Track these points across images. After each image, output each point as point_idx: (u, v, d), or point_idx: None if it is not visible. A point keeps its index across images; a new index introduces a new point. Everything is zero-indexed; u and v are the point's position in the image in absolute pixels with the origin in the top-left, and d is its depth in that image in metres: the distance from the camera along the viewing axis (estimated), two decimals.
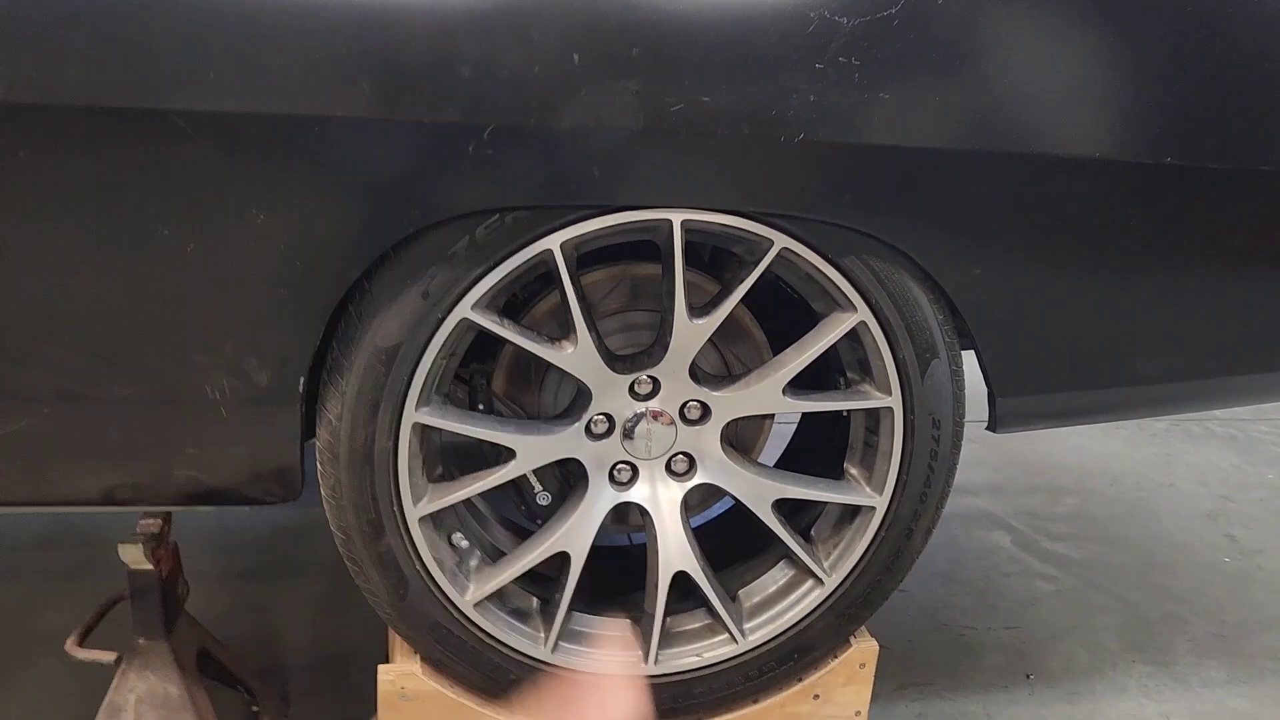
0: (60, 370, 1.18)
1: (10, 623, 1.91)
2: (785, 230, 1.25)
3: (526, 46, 1.11)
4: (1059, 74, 1.25)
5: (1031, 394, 1.42)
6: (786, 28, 1.14)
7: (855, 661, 1.53)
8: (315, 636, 1.91)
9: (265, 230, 1.13)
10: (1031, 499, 2.71)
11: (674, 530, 1.42)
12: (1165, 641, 2.06)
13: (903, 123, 1.21)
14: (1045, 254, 1.32)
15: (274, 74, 1.07)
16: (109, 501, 1.30)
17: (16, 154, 1.07)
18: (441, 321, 1.22)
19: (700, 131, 1.16)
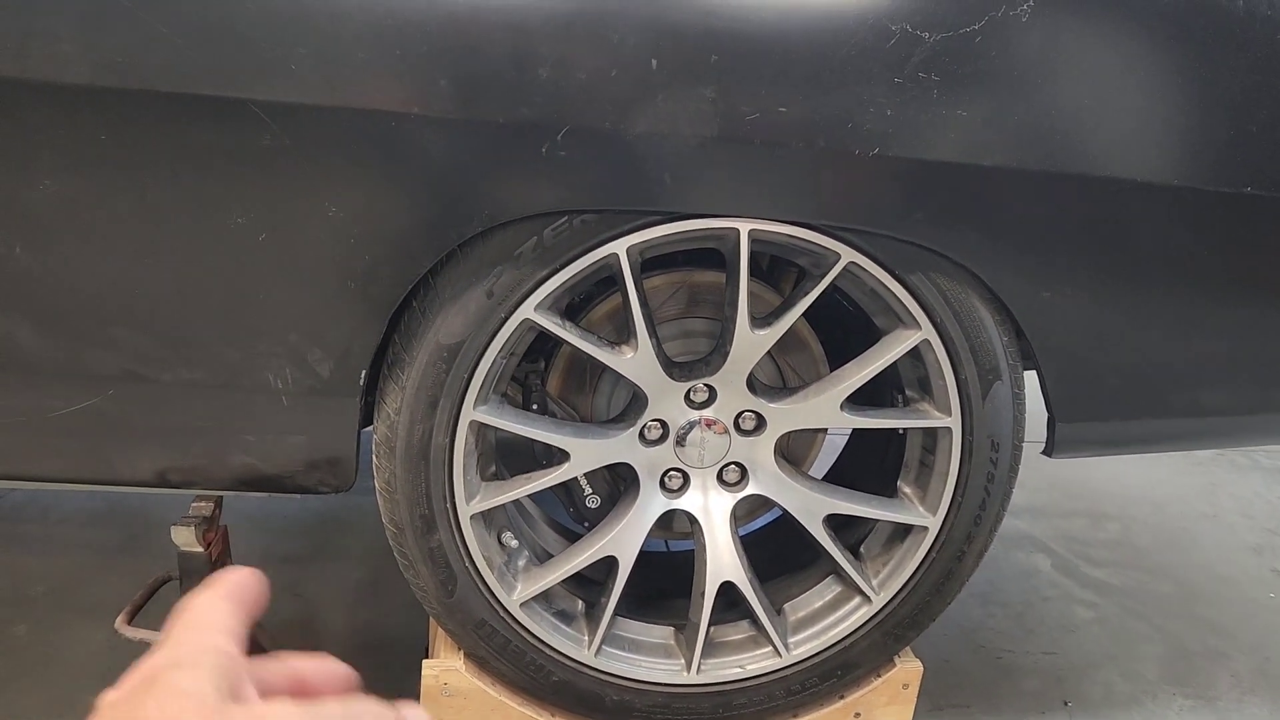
0: (127, 352, 1.19)
1: (57, 595, 1.94)
2: (853, 244, 1.24)
3: (605, 49, 1.10)
4: (1140, 98, 1.23)
5: (1092, 420, 1.40)
6: (867, 40, 1.13)
7: (899, 682, 1.51)
8: (354, 625, 1.92)
9: (337, 223, 1.14)
10: (1072, 523, 2.67)
11: (723, 540, 1.41)
12: (1207, 676, 2.03)
13: (979, 141, 1.19)
14: (1115, 280, 1.30)
15: (354, 69, 1.08)
16: (164, 484, 1.32)
17: (98, 136, 1.08)
18: (504, 321, 1.22)
19: (774, 142, 1.15)
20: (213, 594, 0.43)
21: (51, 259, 1.14)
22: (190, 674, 0.37)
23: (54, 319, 1.17)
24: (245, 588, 0.44)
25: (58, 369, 1.20)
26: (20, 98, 1.06)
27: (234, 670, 0.38)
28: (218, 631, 0.40)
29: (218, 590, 0.43)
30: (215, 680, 0.37)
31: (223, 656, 0.39)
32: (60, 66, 1.05)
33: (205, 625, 0.41)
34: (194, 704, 0.35)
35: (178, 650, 0.39)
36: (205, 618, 0.41)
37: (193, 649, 0.39)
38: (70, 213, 1.12)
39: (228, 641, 0.40)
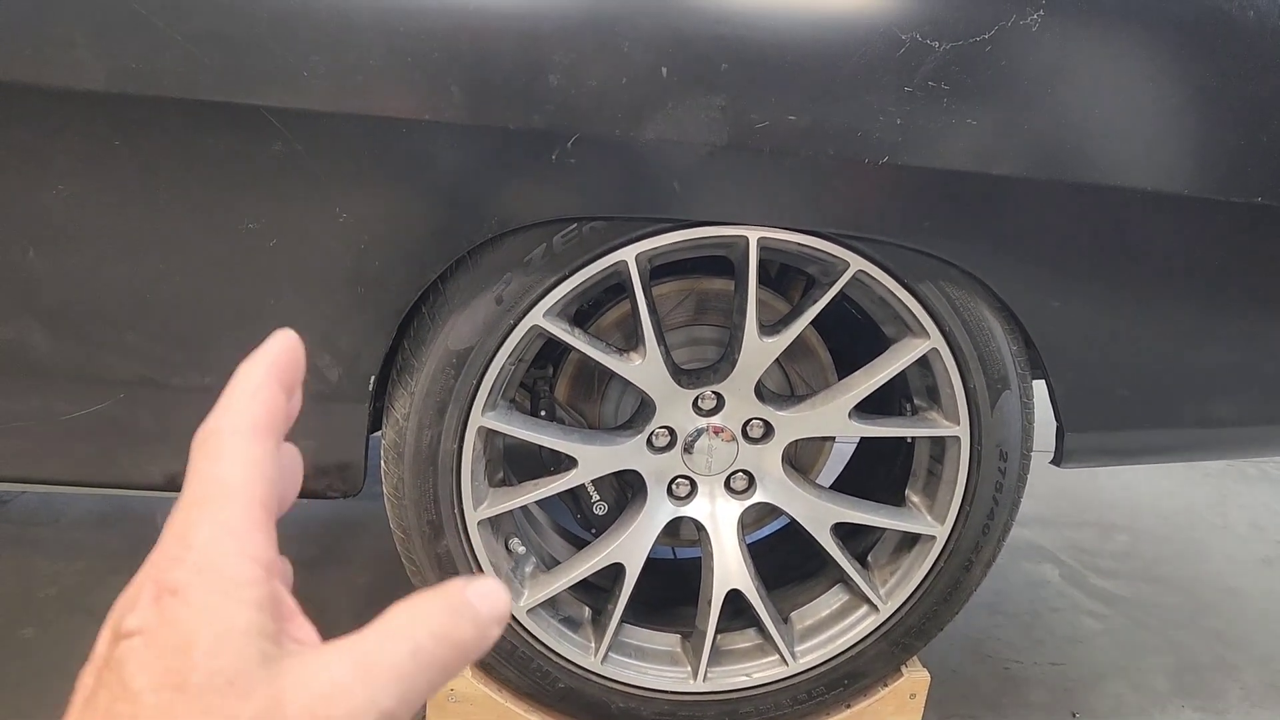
0: (138, 356, 1.20)
1: (67, 598, 1.95)
2: (862, 253, 1.24)
3: (616, 57, 1.11)
4: (1150, 108, 1.23)
5: (1101, 430, 1.40)
6: (877, 49, 1.14)
7: (906, 691, 1.51)
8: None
9: (347, 229, 1.14)
10: (1081, 533, 2.66)
11: (730, 548, 1.41)
12: (1217, 688, 2.02)
13: (988, 150, 1.19)
14: (1126, 289, 1.30)
15: (365, 75, 1.08)
16: (174, 487, 1.32)
17: (112, 142, 1.09)
18: (513, 327, 1.23)
19: (784, 150, 1.16)
20: (239, 427, 0.35)
21: (64, 263, 1.15)
22: (230, 648, 0.31)
23: (66, 323, 1.18)
24: (273, 397, 0.37)
25: (69, 372, 1.21)
26: (35, 103, 1.07)
27: (273, 599, 0.33)
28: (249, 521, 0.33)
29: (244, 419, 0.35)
30: (260, 643, 0.31)
31: (258, 588, 0.32)
32: (75, 73, 1.06)
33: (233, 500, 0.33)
34: (244, 699, 0.30)
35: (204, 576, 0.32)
36: (231, 475, 0.34)
37: (222, 580, 0.32)
38: (83, 217, 1.13)
39: (260, 538, 0.33)
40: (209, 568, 0.32)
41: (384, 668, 0.32)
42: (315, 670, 0.32)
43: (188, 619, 0.31)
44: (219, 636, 0.31)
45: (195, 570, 0.32)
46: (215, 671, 0.30)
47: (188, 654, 0.30)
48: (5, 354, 1.19)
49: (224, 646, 0.31)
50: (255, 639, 0.31)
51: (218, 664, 0.30)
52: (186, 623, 0.31)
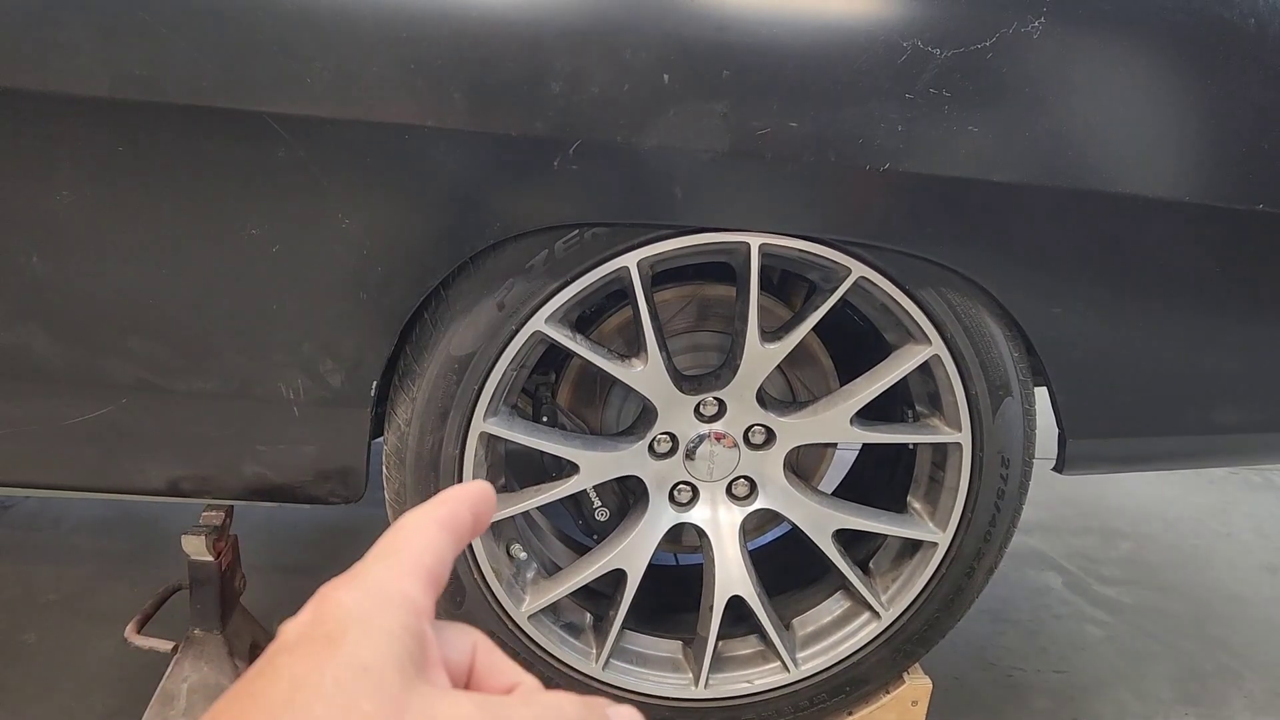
0: (141, 361, 1.20)
1: (68, 603, 1.95)
2: (863, 259, 1.24)
3: (618, 64, 1.11)
4: (1151, 115, 1.23)
5: (1104, 437, 1.40)
6: (878, 56, 1.14)
7: (908, 698, 1.50)
8: None
9: (350, 235, 1.15)
10: (1084, 540, 2.66)
11: (732, 554, 1.41)
12: (1220, 695, 2.01)
13: (989, 157, 1.19)
14: (1127, 296, 1.30)
15: (368, 82, 1.09)
16: (175, 492, 1.32)
17: (115, 148, 1.09)
18: (515, 333, 1.23)
19: (785, 156, 1.16)
20: (428, 517, 0.38)
21: (67, 269, 1.15)
22: (372, 643, 0.33)
23: (69, 328, 1.18)
24: (464, 517, 0.39)
25: (72, 377, 1.21)
26: (40, 109, 1.07)
27: (420, 636, 0.35)
28: (415, 575, 0.36)
29: (435, 514, 0.39)
30: (400, 653, 0.33)
31: (410, 615, 0.34)
32: (79, 79, 1.06)
33: (405, 564, 0.36)
34: (373, 687, 0.32)
35: (364, 592, 0.35)
36: (408, 553, 0.37)
37: (379, 597, 0.34)
38: (86, 223, 1.13)
39: (422, 589, 0.36)
40: (371, 590, 0.35)
41: (508, 718, 0.34)
42: (444, 700, 0.33)
43: (341, 618, 0.33)
44: (366, 633, 0.33)
45: (358, 589, 0.35)
46: (354, 657, 0.32)
47: (333, 643, 0.33)
48: (8, 359, 1.19)
49: (367, 641, 0.33)
50: (398, 648, 0.33)
51: (358, 653, 0.32)
52: (339, 620, 0.33)
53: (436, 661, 0.36)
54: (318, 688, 0.31)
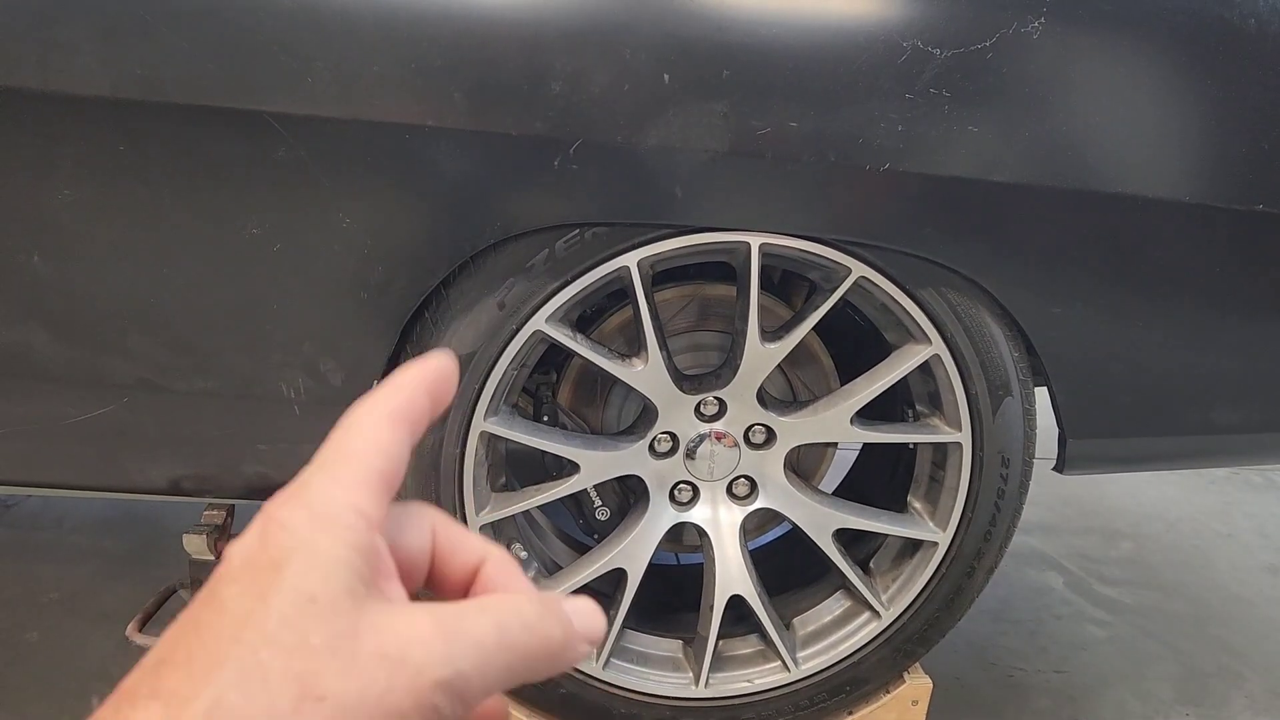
0: (142, 361, 1.21)
1: (69, 602, 1.95)
2: (864, 259, 1.24)
3: (618, 64, 1.11)
4: (1151, 115, 1.23)
5: (1104, 437, 1.40)
6: (878, 56, 1.14)
7: (908, 698, 1.50)
8: None
9: (350, 234, 1.15)
10: (1085, 541, 2.66)
11: (732, 553, 1.41)
12: (1221, 696, 2.01)
13: (990, 156, 1.19)
14: (1128, 296, 1.30)
15: (368, 81, 1.09)
16: (177, 491, 1.32)
17: (117, 148, 1.10)
18: (516, 333, 1.23)
19: (786, 156, 1.16)
20: (378, 412, 0.36)
21: (68, 268, 1.16)
22: (319, 570, 0.31)
23: (70, 327, 1.19)
24: (420, 404, 0.37)
25: (73, 377, 1.21)
26: (41, 108, 1.08)
27: (370, 552, 0.33)
28: (364, 483, 0.34)
29: (386, 406, 0.37)
30: (348, 577, 0.32)
31: (359, 532, 0.33)
32: (80, 78, 1.06)
33: (351, 470, 0.34)
34: (321, 618, 0.30)
35: (308, 510, 0.33)
36: (355, 456, 0.35)
37: (325, 516, 0.33)
38: (87, 222, 1.13)
39: (372, 498, 0.34)
40: (316, 508, 0.33)
41: (466, 632, 0.33)
42: (398, 616, 0.32)
43: (285, 543, 0.32)
44: (311, 560, 0.32)
45: (303, 508, 0.33)
46: (299, 589, 0.31)
47: (278, 571, 0.31)
48: (10, 358, 1.19)
49: (313, 569, 0.31)
50: (345, 572, 0.32)
51: (304, 583, 0.31)
52: (283, 546, 0.32)
53: (390, 573, 0.35)
54: (263, 625, 0.30)
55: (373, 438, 0.36)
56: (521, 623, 0.34)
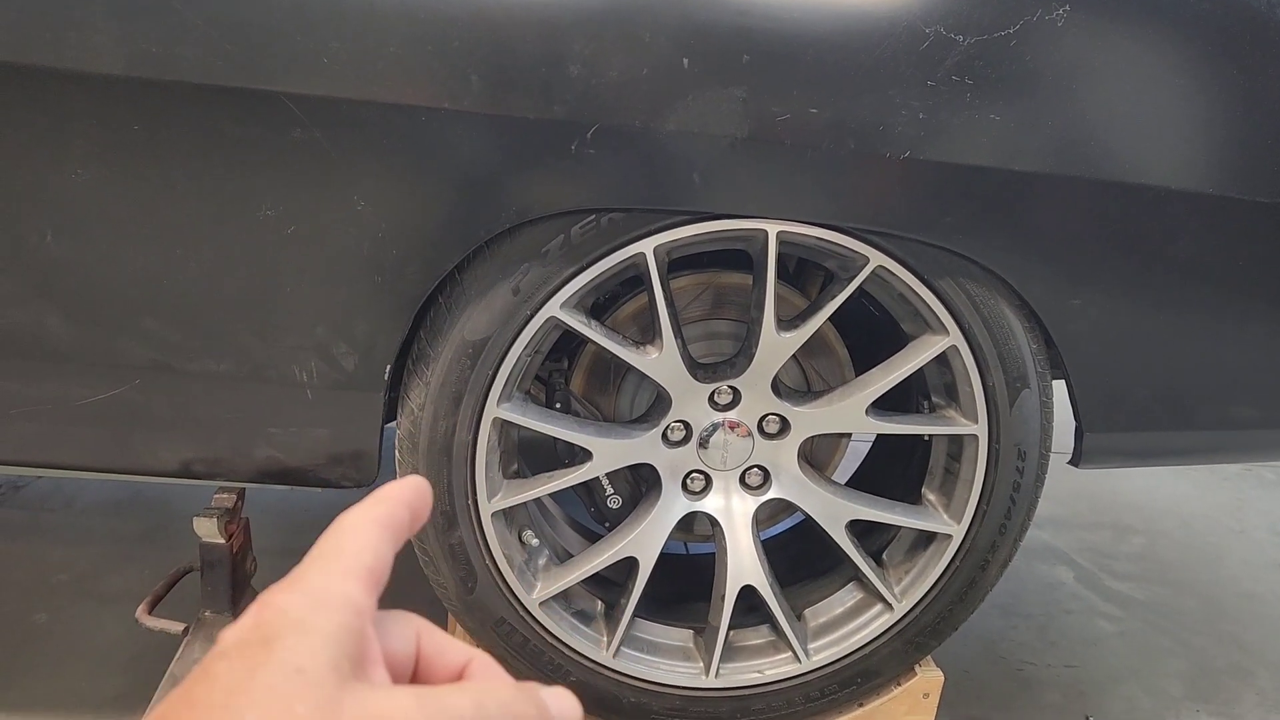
0: (154, 342, 1.20)
1: (79, 584, 1.95)
2: (882, 248, 1.23)
3: (636, 48, 1.10)
4: (1175, 106, 1.21)
5: (1121, 431, 1.38)
6: (900, 43, 1.12)
7: (919, 691, 1.50)
8: None
9: (365, 217, 1.14)
10: (1096, 535, 2.64)
11: (745, 543, 1.40)
12: (1232, 693, 2.00)
13: (1011, 145, 1.18)
14: (1149, 289, 1.28)
15: (385, 63, 1.08)
16: (187, 474, 1.32)
17: (130, 127, 1.09)
18: (530, 319, 1.22)
19: (805, 143, 1.15)
20: (366, 517, 0.39)
21: (81, 248, 1.15)
22: (308, 646, 0.33)
23: (83, 308, 1.18)
24: (401, 515, 0.40)
25: (85, 358, 1.21)
26: (55, 87, 1.07)
27: (359, 635, 0.35)
28: (355, 575, 0.36)
29: (373, 513, 0.39)
30: (336, 654, 0.33)
31: (350, 614, 0.35)
32: (95, 57, 1.05)
33: (343, 565, 0.36)
34: (307, 689, 0.32)
35: (303, 595, 0.35)
36: (346, 554, 0.37)
37: (320, 599, 0.35)
38: (101, 202, 1.13)
39: (362, 589, 0.36)
40: (310, 593, 0.35)
41: (446, 707, 0.34)
42: (380, 691, 0.34)
43: (278, 623, 0.34)
44: (301, 637, 0.33)
45: (298, 593, 0.35)
46: (287, 661, 0.32)
47: (268, 647, 0.33)
48: (22, 338, 1.19)
49: (302, 645, 0.33)
50: (333, 649, 0.33)
51: (292, 657, 0.33)
52: (276, 625, 0.34)
53: (376, 659, 0.36)
54: (250, 692, 0.31)
55: (363, 538, 0.38)
56: (498, 701, 0.36)
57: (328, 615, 0.34)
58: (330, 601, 0.35)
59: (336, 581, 0.36)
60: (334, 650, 0.33)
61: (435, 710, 0.34)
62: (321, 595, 0.35)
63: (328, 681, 0.32)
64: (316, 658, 0.33)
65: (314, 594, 0.35)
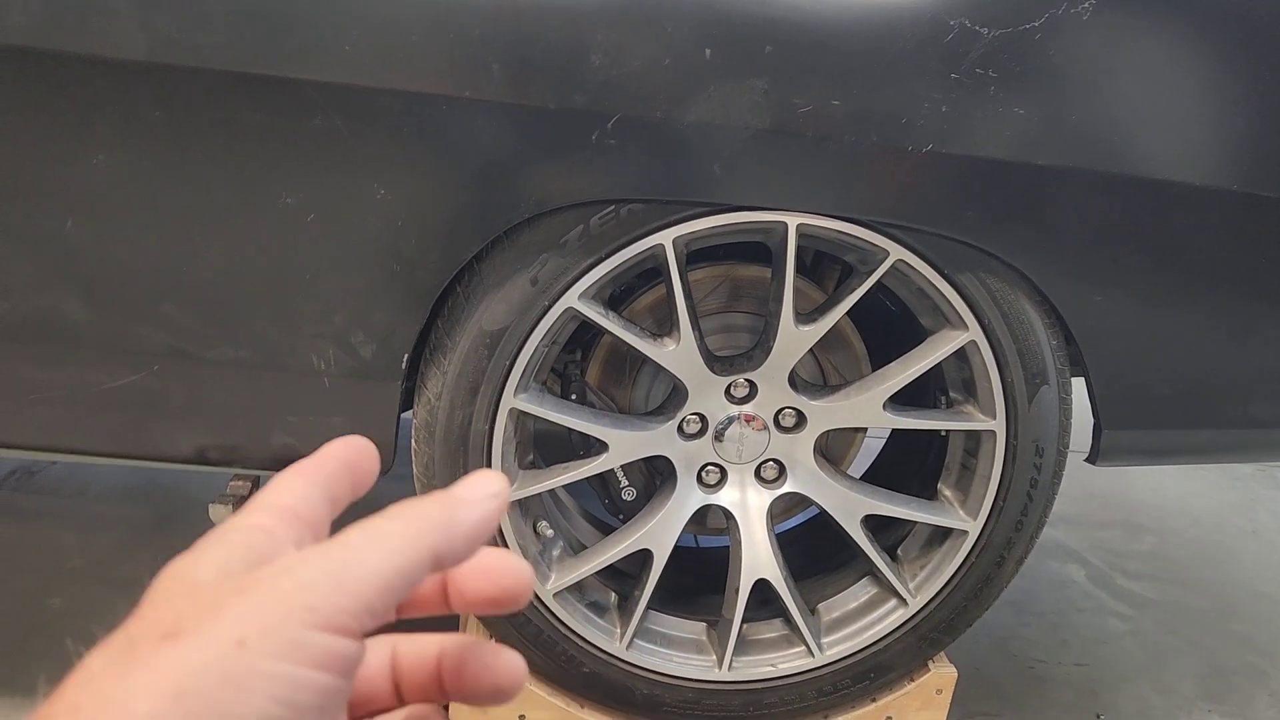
0: (174, 329, 1.20)
1: (92, 570, 1.96)
2: (902, 242, 1.22)
3: (659, 38, 1.09)
4: (1202, 101, 1.20)
5: (1140, 428, 1.38)
6: (924, 35, 1.12)
7: (932, 686, 1.49)
8: None
9: (385, 206, 1.14)
10: (1108, 534, 2.63)
11: (760, 537, 1.40)
12: (1244, 694, 1.99)
13: (1035, 140, 1.17)
14: (1171, 286, 1.27)
15: (407, 51, 1.07)
16: (203, 461, 1.32)
17: (152, 114, 1.09)
18: (548, 309, 1.22)
19: (827, 135, 1.14)
20: (288, 471, 0.39)
21: (101, 233, 1.15)
22: (193, 556, 0.33)
23: (102, 294, 1.18)
24: (331, 466, 0.39)
25: (104, 343, 1.21)
26: (77, 72, 1.07)
27: (263, 545, 0.34)
28: (265, 509, 0.36)
29: (295, 467, 0.39)
30: (222, 557, 0.33)
31: (250, 533, 0.34)
32: (116, 42, 1.05)
33: (254, 505, 0.36)
34: (183, 585, 0.32)
35: (207, 535, 0.35)
36: (261, 497, 0.37)
37: (219, 531, 0.35)
38: (122, 188, 1.12)
39: (272, 518, 0.35)
40: (217, 529, 0.35)
41: (330, 546, 0.33)
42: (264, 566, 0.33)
43: (155, 585, 0.33)
44: (191, 552, 0.33)
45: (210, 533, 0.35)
46: (174, 572, 0.33)
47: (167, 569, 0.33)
48: (41, 323, 1.19)
49: (190, 556, 0.33)
50: (220, 556, 0.33)
51: (176, 569, 0.33)
52: (154, 586, 0.33)
53: None
54: (136, 611, 0.32)
55: (279, 486, 0.37)
56: (392, 515, 0.35)
57: (219, 538, 0.34)
58: (226, 530, 0.34)
59: (238, 518, 0.35)
60: (220, 556, 0.33)
61: (320, 553, 0.33)
62: (219, 529, 0.35)
63: (209, 579, 0.32)
64: (199, 564, 0.33)
65: (213, 531, 0.35)
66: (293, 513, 0.36)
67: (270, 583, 0.31)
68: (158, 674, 0.29)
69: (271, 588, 0.31)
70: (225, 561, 0.33)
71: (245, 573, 0.32)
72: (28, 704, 1.58)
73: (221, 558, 0.33)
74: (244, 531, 0.34)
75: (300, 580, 0.31)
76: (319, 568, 0.32)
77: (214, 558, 0.33)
